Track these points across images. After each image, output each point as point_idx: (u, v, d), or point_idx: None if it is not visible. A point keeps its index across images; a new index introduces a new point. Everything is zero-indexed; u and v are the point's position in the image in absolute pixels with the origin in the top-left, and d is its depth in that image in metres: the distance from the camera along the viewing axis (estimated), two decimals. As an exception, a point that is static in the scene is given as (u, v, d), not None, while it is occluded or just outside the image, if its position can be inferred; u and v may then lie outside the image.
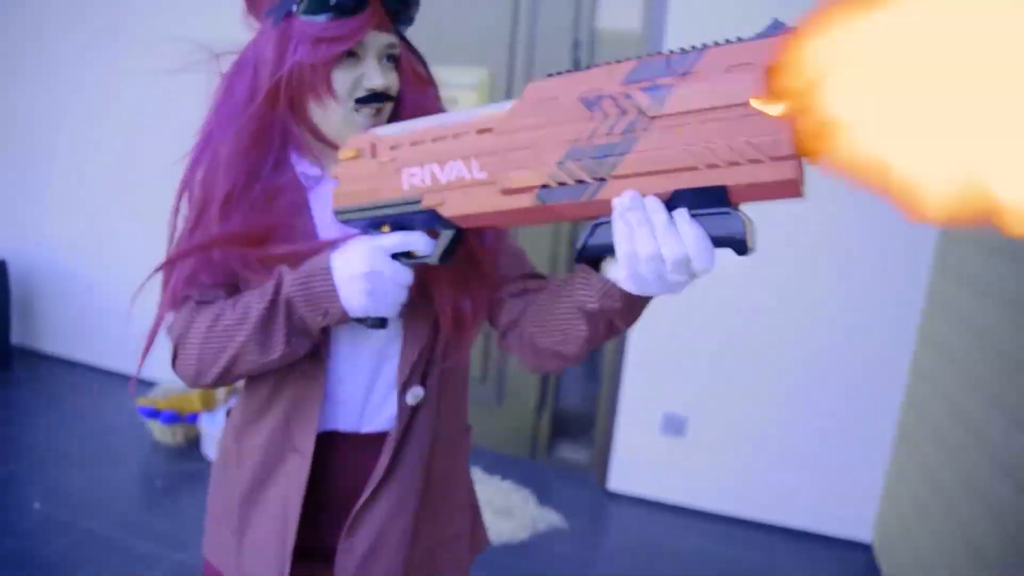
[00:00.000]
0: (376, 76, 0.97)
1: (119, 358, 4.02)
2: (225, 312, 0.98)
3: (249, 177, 0.99)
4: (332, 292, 0.91)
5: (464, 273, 1.03)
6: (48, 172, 4.11)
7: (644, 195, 0.68)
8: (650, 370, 3.13)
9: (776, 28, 0.63)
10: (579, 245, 0.75)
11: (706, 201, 0.66)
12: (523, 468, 3.46)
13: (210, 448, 3.25)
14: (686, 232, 0.67)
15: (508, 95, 3.26)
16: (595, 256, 0.77)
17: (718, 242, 0.67)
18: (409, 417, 1.08)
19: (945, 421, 2.39)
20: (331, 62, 0.94)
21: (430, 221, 0.85)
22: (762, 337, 2.97)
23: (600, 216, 0.73)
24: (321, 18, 0.92)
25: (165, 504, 2.93)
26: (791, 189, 0.63)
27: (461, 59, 3.29)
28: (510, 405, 3.55)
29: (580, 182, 0.71)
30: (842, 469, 2.96)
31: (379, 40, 0.97)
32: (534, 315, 0.99)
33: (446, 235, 0.86)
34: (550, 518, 3.00)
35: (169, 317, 1.05)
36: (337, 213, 0.93)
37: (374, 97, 0.98)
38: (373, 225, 0.91)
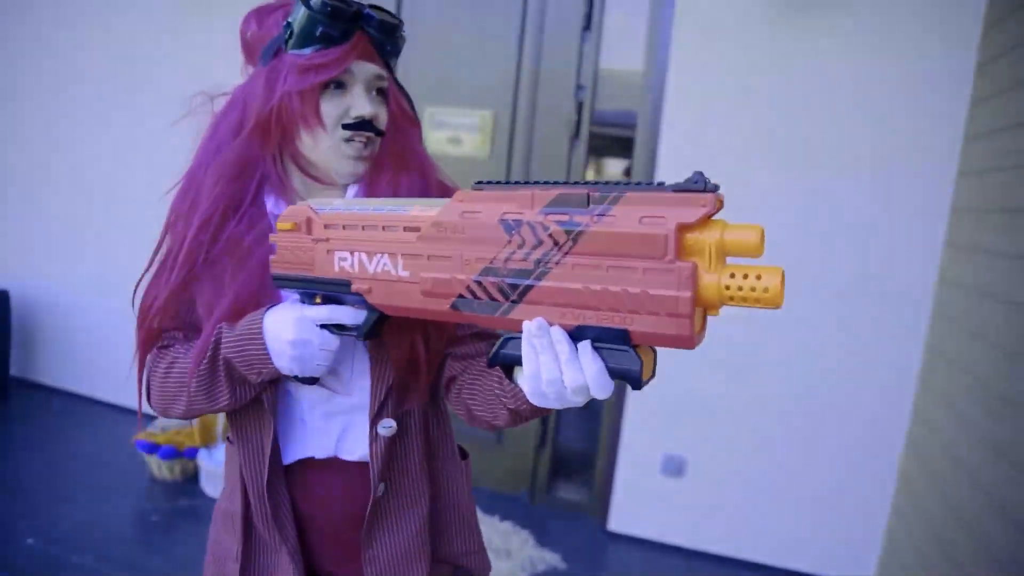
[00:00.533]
0: (364, 104, 1.00)
1: (118, 391, 4.01)
2: (178, 360, 1.05)
3: (227, 209, 1.02)
4: (264, 355, 0.97)
5: (423, 321, 1.06)
6: (52, 205, 4.13)
7: (552, 323, 0.72)
8: (650, 411, 3.12)
9: (696, 182, 0.66)
10: (490, 353, 0.79)
11: (609, 336, 0.69)
12: (522, 508, 3.43)
13: (208, 483, 3.23)
14: (587, 364, 0.70)
15: (511, 136, 3.30)
16: (506, 364, 0.79)
17: (615, 374, 0.70)
18: (389, 446, 1.10)
19: (945, 466, 2.37)
20: (318, 89, 0.98)
21: (358, 301, 0.90)
22: (763, 379, 2.97)
23: (512, 331, 0.76)
24: (308, 50, 0.97)
25: (161, 540, 2.90)
26: (685, 343, 0.66)
27: (466, 101, 3.34)
28: (509, 444, 3.53)
29: (493, 299, 0.74)
30: (844, 511, 2.94)
31: (366, 70, 1.01)
32: (470, 386, 1.05)
33: (371, 316, 0.91)
34: (549, 559, 2.97)
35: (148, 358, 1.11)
36: (274, 279, 0.96)
37: (362, 125, 1.01)
38: (307, 294, 0.95)
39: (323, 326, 0.95)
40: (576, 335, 0.71)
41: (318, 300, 0.95)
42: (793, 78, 2.81)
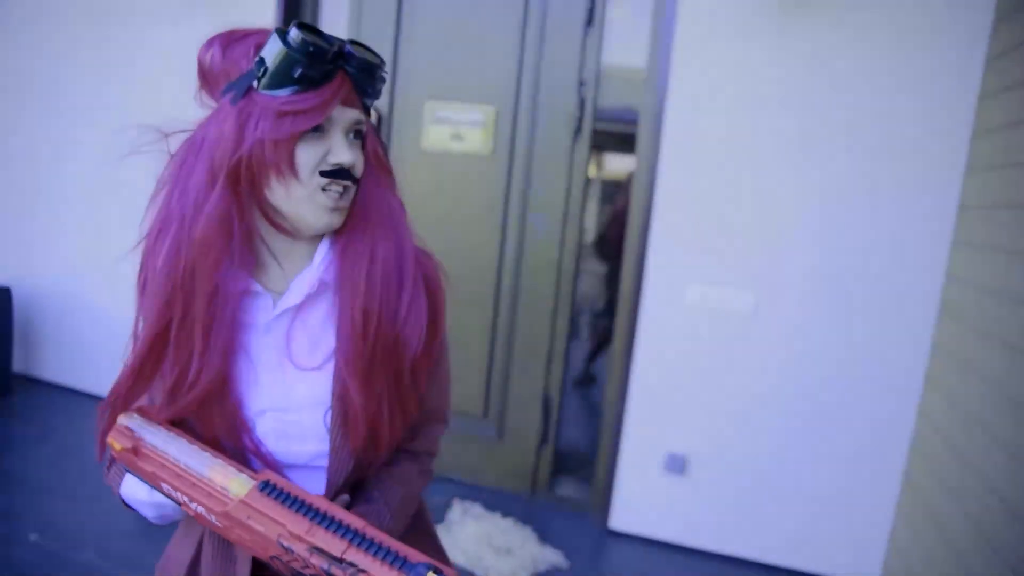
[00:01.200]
0: (343, 152, 0.92)
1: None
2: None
3: (225, 267, 0.92)
4: (128, 508, 1.02)
5: (391, 403, 1.01)
6: (55, 200, 4.13)
7: None
8: (652, 408, 3.11)
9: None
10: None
11: None
12: (523, 505, 3.42)
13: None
14: None
15: (513, 132, 3.28)
16: None
17: None
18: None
19: (952, 466, 2.36)
20: (295, 138, 0.89)
21: None
22: (766, 377, 2.95)
23: None
24: (284, 92, 0.87)
25: (162, 537, 2.89)
26: None
27: (467, 96, 3.32)
28: (510, 441, 3.52)
29: (294, 570, 0.86)
30: (848, 510, 2.92)
31: (346, 115, 0.93)
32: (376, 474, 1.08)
33: None
34: (551, 557, 2.96)
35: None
36: (125, 470, 0.98)
37: (339, 173, 0.93)
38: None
39: None
40: None
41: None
42: (798, 74, 2.78)
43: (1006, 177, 2.27)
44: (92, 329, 4.08)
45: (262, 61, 0.87)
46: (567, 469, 3.71)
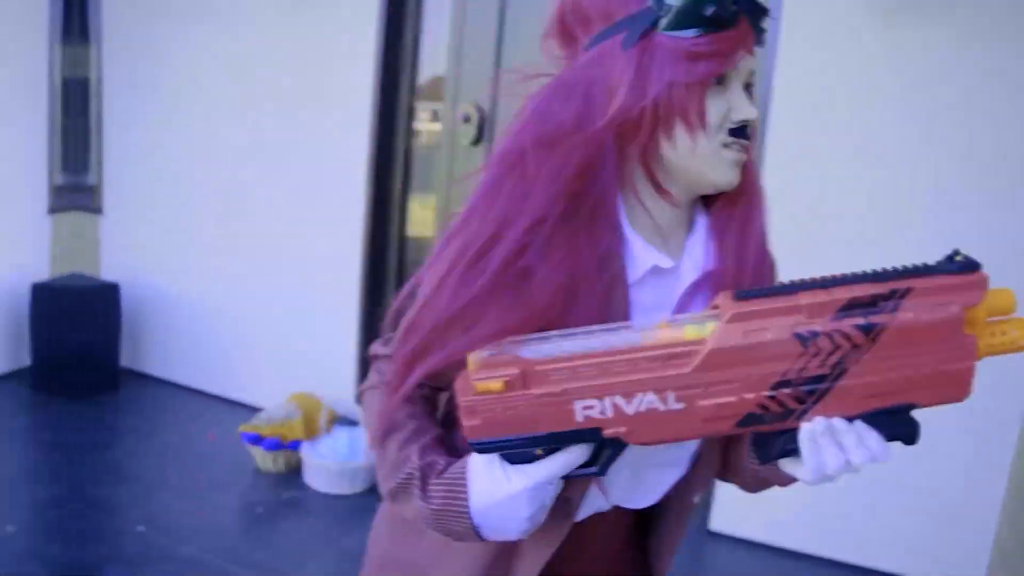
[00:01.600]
0: (747, 106, 0.84)
1: (225, 384, 4.08)
2: (393, 436, 0.89)
3: (566, 210, 0.81)
4: (470, 533, 0.82)
5: None
6: (164, 199, 4.20)
7: (831, 416, 0.74)
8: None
9: (965, 264, 0.71)
10: (765, 452, 0.80)
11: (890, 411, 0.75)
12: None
13: (311, 476, 3.26)
14: (871, 443, 0.74)
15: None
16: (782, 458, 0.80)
17: (893, 439, 0.76)
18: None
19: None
20: (708, 83, 0.80)
21: (600, 442, 0.76)
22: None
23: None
24: (689, 33, 0.78)
25: (265, 532, 2.96)
26: (959, 400, 0.77)
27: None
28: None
29: (788, 409, 0.74)
30: (952, 512, 2.84)
31: (748, 64, 0.84)
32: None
33: (615, 450, 0.77)
34: (650, 559, 2.93)
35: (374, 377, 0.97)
36: (474, 445, 0.76)
37: (742, 131, 0.84)
38: (525, 450, 0.77)
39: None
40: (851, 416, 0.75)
41: (539, 451, 0.77)
42: (906, 73, 2.72)
43: None
44: (198, 326, 4.15)
45: (661, 0, 0.79)
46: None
